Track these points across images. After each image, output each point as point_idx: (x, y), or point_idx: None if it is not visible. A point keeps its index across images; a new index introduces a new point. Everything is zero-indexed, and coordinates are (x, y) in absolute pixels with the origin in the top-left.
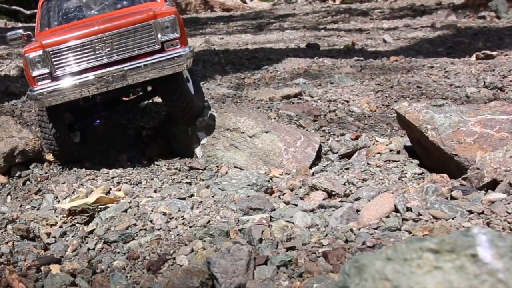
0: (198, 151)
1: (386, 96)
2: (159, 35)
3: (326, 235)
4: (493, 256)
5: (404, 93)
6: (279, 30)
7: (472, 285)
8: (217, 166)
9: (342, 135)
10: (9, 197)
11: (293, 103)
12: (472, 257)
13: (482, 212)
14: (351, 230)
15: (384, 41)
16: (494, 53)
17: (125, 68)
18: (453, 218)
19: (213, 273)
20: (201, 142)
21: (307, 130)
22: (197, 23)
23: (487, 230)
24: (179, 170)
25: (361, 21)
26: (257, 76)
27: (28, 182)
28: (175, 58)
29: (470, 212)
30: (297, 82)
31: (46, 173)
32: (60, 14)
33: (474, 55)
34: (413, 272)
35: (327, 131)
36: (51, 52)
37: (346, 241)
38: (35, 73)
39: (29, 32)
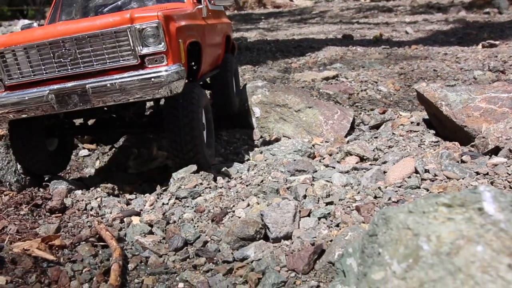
0: (253, 123)
1: (408, 78)
2: (138, 47)
3: (359, 192)
4: (496, 209)
5: (423, 75)
6: (319, 23)
7: (478, 233)
8: (269, 136)
9: (372, 110)
10: (98, 161)
11: (331, 83)
12: (479, 210)
13: (487, 173)
14: (379, 188)
15: (406, 32)
16: (497, 42)
17: (87, 86)
18: (463, 178)
19: (265, 224)
20: (256, 116)
21: (343, 105)
22: (253, 18)
23: (491, 188)
24: (239, 139)
25: (387, 16)
26: (302, 61)
27: (114, 149)
28: (152, 79)
29: (477, 173)
30: (335, 66)
31: (128, 141)
32: (72, 7)
33: (480, 44)
34: (430, 223)
35: (359, 106)
36: (1, 53)
37: (375, 197)
38: None
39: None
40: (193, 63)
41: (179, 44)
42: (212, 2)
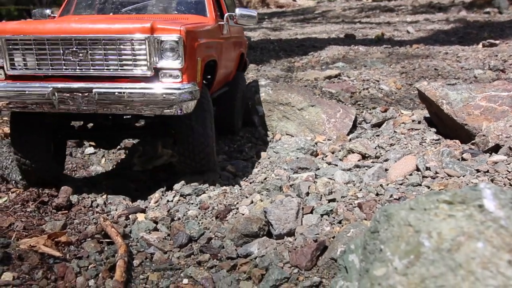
0: (257, 121)
1: (409, 77)
2: (154, 58)
3: (361, 190)
4: (496, 206)
5: (424, 74)
6: (322, 23)
7: (479, 230)
8: (272, 134)
9: (374, 108)
10: (103, 159)
11: (333, 82)
12: (479, 207)
13: (487, 171)
14: (381, 185)
15: (408, 32)
16: (497, 41)
17: (94, 90)
18: (463, 176)
19: (269, 220)
20: (259, 114)
21: (345, 104)
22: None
23: (491, 185)
24: (242, 137)
25: (389, 16)
26: (305, 61)
27: (119, 147)
28: (163, 95)
29: (478, 170)
30: (337, 65)
31: (133, 139)
32: (88, 1)
33: (481, 43)
34: (431, 220)
35: (361, 105)
36: (8, 41)
37: (377, 194)
38: None
39: (55, 15)
40: (206, 77)
41: (197, 62)
42: (235, 20)
